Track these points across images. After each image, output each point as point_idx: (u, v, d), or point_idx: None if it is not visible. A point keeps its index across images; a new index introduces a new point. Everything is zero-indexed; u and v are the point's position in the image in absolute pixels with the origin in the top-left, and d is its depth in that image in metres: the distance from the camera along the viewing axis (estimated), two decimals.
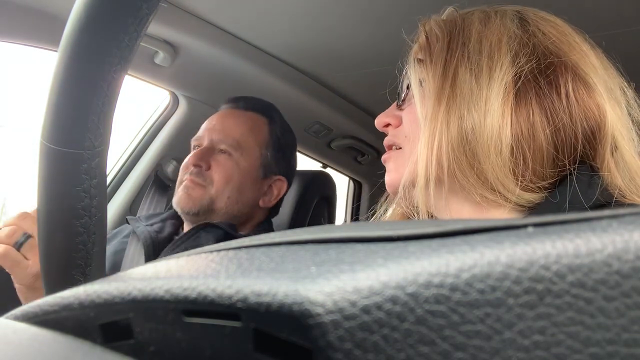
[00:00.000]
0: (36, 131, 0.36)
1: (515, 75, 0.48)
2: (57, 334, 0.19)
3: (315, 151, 1.61)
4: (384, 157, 0.62)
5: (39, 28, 0.97)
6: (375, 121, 0.63)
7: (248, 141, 1.05)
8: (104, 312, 0.18)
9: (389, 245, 0.16)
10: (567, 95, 0.48)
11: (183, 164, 1.06)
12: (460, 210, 0.52)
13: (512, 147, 0.47)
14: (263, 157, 1.07)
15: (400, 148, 0.59)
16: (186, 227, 1.05)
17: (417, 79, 0.55)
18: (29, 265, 0.66)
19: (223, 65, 1.18)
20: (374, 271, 0.14)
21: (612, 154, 0.48)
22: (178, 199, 1.02)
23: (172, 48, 1.10)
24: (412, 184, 0.53)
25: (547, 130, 0.47)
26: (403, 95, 0.60)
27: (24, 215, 0.67)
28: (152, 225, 1.04)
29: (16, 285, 0.69)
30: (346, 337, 0.13)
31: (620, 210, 0.15)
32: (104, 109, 0.34)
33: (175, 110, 1.32)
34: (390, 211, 0.65)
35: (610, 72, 0.52)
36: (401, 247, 0.15)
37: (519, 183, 0.47)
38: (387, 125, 0.62)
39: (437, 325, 0.13)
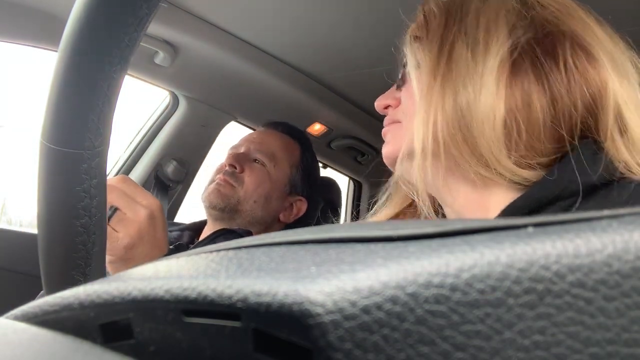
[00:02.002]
0: (36, 131, 0.36)
1: (512, 47, 0.47)
2: (57, 334, 0.19)
3: (315, 151, 1.61)
4: (383, 131, 0.62)
5: (39, 28, 0.97)
6: (375, 104, 0.62)
7: (281, 157, 1.14)
8: (104, 312, 0.18)
9: (389, 245, 0.16)
10: (565, 64, 0.47)
11: (217, 166, 1.13)
12: (458, 190, 0.52)
13: (506, 121, 0.46)
14: (292, 175, 1.16)
15: (400, 122, 0.59)
16: (205, 233, 1.07)
17: (413, 57, 0.54)
18: (119, 237, 0.67)
19: (223, 65, 1.18)
20: (374, 271, 0.14)
21: (619, 126, 0.46)
22: (207, 193, 1.07)
23: (172, 48, 1.10)
24: (409, 156, 0.52)
25: (544, 101, 0.46)
26: (400, 75, 0.59)
27: (109, 188, 0.67)
28: (170, 232, 1.06)
29: (107, 259, 0.69)
30: (346, 337, 0.13)
31: (620, 210, 0.15)
32: (104, 109, 0.34)
33: (175, 110, 1.32)
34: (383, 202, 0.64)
35: (618, 45, 0.50)
36: (401, 247, 0.15)
37: (512, 158, 0.46)
38: (387, 107, 0.62)
39: (437, 325, 0.13)
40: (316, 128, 1.50)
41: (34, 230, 1.21)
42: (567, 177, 0.44)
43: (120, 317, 0.17)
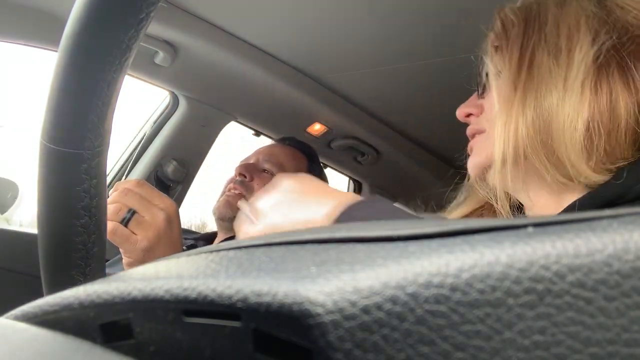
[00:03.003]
0: (36, 131, 0.36)
1: (597, 53, 0.47)
2: (57, 334, 0.19)
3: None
4: (469, 145, 0.61)
5: (39, 28, 0.97)
6: (457, 112, 0.62)
7: (289, 167, 1.18)
8: (104, 312, 0.18)
9: (389, 245, 0.16)
10: None
11: (227, 180, 1.17)
12: (537, 194, 0.52)
13: (589, 125, 0.46)
14: None
15: (484, 131, 0.58)
16: (217, 240, 1.08)
17: (494, 66, 0.55)
18: (137, 240, 0.67)
19: (223, 65, 1.18)
20: (374, 271, 0.14)
21: None
22: (217, 205, 1.11)
23: (172, 48, 1.10)
24: (491, 165, 0.53)
25: (630, 104, 0.46)
26: (483, 84, 0.60)
27: (126, 192, 0.68)
28: (185, 239, 1.07)
29: (125, 261, 0.69)
30: (346, 337, 0.13)
31: (621, 210, 0.15)
32: (104, 109, 0.34)
33: (175, 110, 1.32)
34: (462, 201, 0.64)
35: None
36: (401, 247, 0.15)
37: (591, 163, 0.46)
38: (469, 115, 0.61)
39: (437, 325, 0.13)
40: (316, 128, 1.50)
41: (34, 230, 1.21)
42: (636, 178, 0.45)
43: (120, 317, 0.17)
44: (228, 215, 1.06)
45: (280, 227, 0.47)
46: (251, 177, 1.13)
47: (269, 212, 0.48)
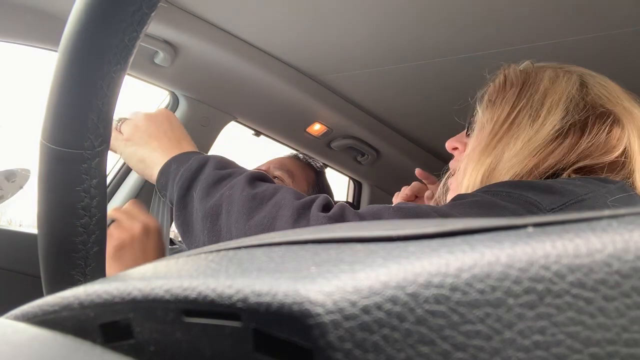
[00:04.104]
0: (36, 131, 0.36)
1: (559, 129, 0.60)
2: (57, 334, 0.19)
3: (315, 151, 1.61)
4: (449, 181, 0.74)
5: (39, 28, 0.97)
6: (446, 144, 0.75)
7: (299, 175, 1.28)
8: (104, 312, 0.18)
9: (388, 245, 0.16)
10: (596, 139, 0.59)
11: None
12: None
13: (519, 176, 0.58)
14: (309, 191, 1.28)
15: (457, 171, 0.69)
16: None
17: (483, 118, 0.66)
18: (112, 238, 0.76)
19: (223, 65, 1.18)
20: (373, 271, 0.14)
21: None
22: None
23: (172, 48, 1.10)
24: None
25: (565, 160, 0.59)
26: (472, 127, 0.70)
27: (117, 211, 0.80)
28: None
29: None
30: (346, 337, 0.13)
31: (620, 210, 0.15)
32: (104, 109, 0.34)
33: (175, 110, 1.32)
34: None
35: None
36: (401, 247, 0.15)
37: None
38: (455, 148, 0.74)
39: (437, 325, 0.13)
40: (316, 128, 1.50)
41: (34, 230, 1.21)
42: None
43: (120, 317, 0.17)
44: None
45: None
46: None
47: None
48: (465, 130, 0.72)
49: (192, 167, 0.61)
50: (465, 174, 0.63)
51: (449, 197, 0.70)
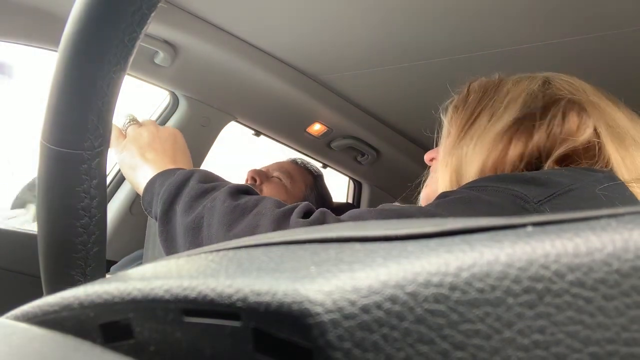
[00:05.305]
0: (36, 131, 0.36)
1: (516, 122, 0.60)
2: (57, 334, 0.19)
3: (315, 151, 1.61)
4: (425, 190, 0.78)
5: (39, 28, 0.97)
6: (425, 157, 0.79)
7: (297, 177, 1.31)
8: (104, 312, 0.18)
9: (388, 245, 0.16)
10: (555, 122, 0.59)
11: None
12: None
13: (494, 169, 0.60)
14: (307, 193, 1.32)
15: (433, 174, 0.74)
16: None
17: (447, 126, 0.69)
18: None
19: (223, 65, 1.18)
20: (373, 270, 0.14)
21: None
22: None
23: (172, 48, 1.10)
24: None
25: (525, 155, 0.59)
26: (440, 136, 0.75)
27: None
28: None
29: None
30: (346, 336, 0.13)
31: (620, 209, 0.15)
32: (104, 109, 0.34)
33: (175, 110, 1.32)
34: None
35: (623, 117, 0.62)
36: (400, 247, 0.15)
37: None
38: (432, 159, 0.78)
39: (437, 325, 0.13)
40: (316, 128, 1.50)
41: (34, 230, 1.21)
42: None
43: (120, 317, 0.17)
44: None
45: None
46: (261, 181, 1.24)
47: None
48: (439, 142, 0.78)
49: (176, 181, 0.60)
50: (438, 179, 0.66)
51: (424, 191, 0.75)
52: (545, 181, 0.50)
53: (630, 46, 0.97)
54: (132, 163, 0.67)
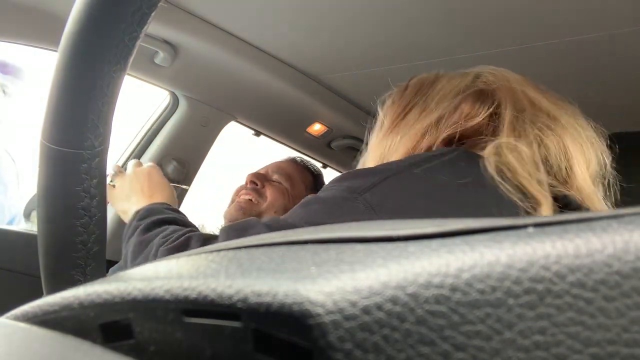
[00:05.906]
0: (36, 129, 0.36)
1: (442, 115, 0.64)
2: (57, 334, 0.19)
3: (315, 151, 1.60)
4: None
5: (39, 28, 0.97)
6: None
7: (297, 179, 1.29)
8: (104, 312, 0.18)
9: (388, 246, 0.16)
10: (461, 107, 0.63)
11: (238, 186, 1.26)
12: None
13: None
14: (307, 194, 1.38)
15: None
16: None
17: (382, 117, 0.72)
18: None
19: (223, 65, 1.18)
20: (374, 271, 0.14)
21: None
22: (228, 210, 1.20)
23: (172, 48, 1.10)
24: None
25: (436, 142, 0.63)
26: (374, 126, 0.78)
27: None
28: None
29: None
30: (346, 337, 0.13)
31: (621, 210, 0.15)
32: (104, 109, 0.34)
33: (175, 110, 1.32)
34: None
35: (545, 101, 0.64)
36: (401, 247, 0.15)
37: None
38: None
39: (437, 326, 0.13)
40: (316, 128, 1.50)
41: (34, 230, 1.21)
42: None
43: (120, 317, 0.17)
44: (240, 219, 1.10)
45: None
46: (262, 184, 1.23)
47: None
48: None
49: (133, 220, 0.71)
50: (366, 163, 0.69)
51: None
52: (372, 172, 0.55)
53: (630, 46, 0.97)
54: (123, 208, 0.81)
